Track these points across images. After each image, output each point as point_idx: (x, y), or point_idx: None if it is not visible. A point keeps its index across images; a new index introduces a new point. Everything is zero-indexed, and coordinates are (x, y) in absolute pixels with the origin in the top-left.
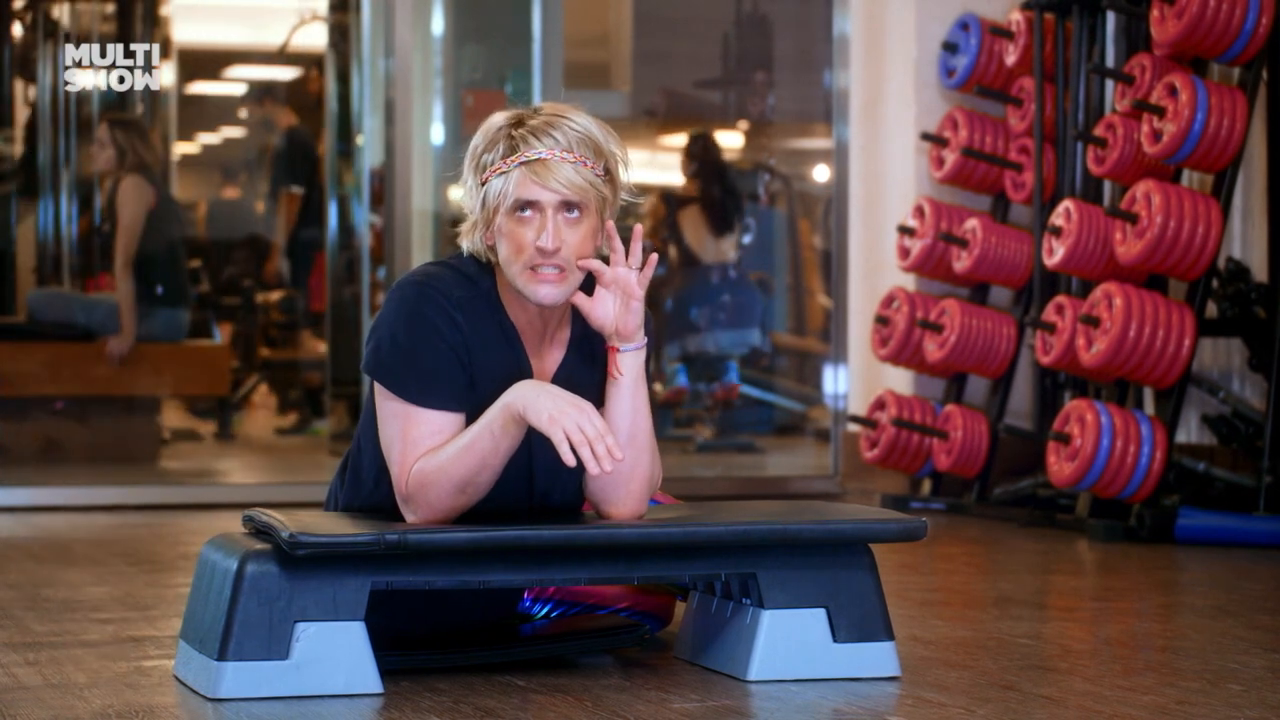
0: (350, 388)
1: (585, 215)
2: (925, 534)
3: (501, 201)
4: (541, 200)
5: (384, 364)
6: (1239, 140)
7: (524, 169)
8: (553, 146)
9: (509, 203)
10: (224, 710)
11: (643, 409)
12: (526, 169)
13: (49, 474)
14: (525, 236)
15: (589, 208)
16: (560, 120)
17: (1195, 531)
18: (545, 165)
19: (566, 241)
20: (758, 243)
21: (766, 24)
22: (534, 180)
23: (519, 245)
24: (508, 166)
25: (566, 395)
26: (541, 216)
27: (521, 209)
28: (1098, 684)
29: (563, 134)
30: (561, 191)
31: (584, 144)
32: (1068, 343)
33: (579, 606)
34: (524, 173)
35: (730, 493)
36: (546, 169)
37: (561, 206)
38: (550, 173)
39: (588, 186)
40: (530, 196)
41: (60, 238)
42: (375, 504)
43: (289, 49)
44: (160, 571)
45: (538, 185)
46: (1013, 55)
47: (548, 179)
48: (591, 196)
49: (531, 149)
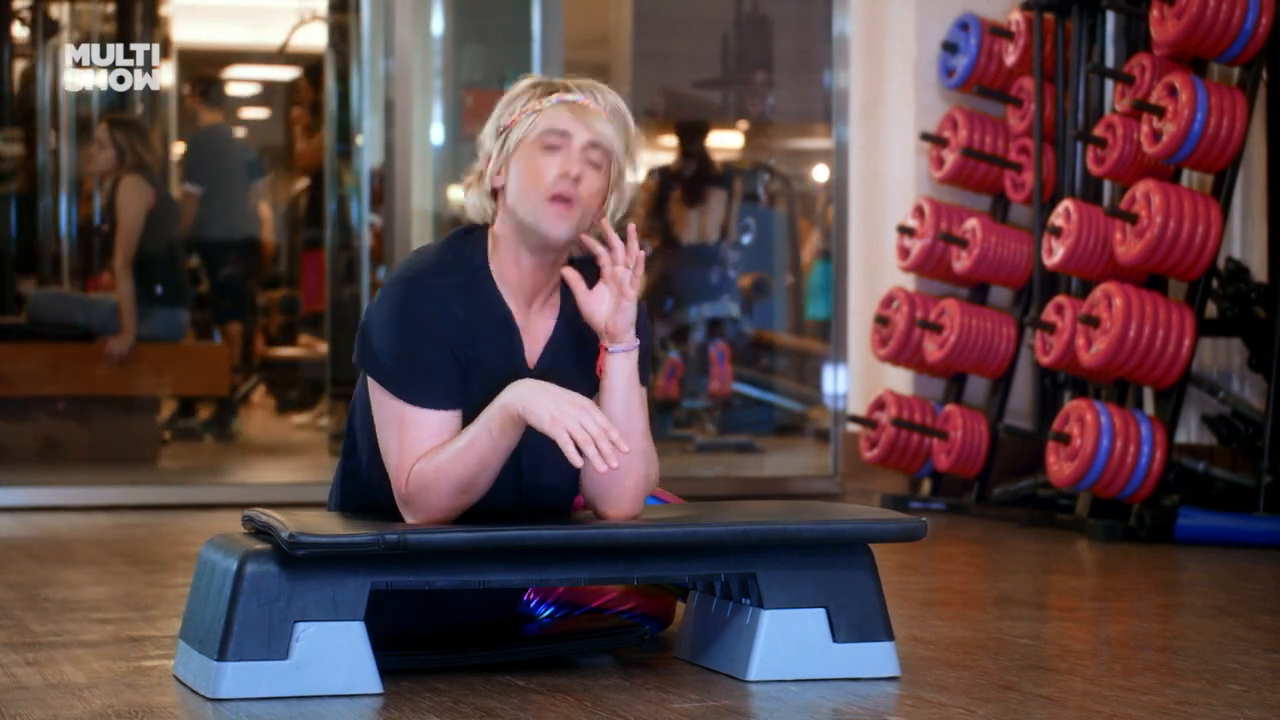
0: (350, 388)
1: (603, 170)
2: (925, 534)
3: (530, 131)
4: (572, 133)
5: (379, 364)
6: (1239, 140)
7: (561, 106)
8: (590, 99)
9: (538, 132)
10: (224, 710)
11: (636, 410)
12: (564, 106)
13: (49, 474)
14: (547, 165)
15: (606, 167)
16: (597, 86)
17: (1195, 531)
18: (584, 108)
19: (585, 179)
20: (757, 243)
21: (766, 24)
22: (570, 115)
23: (539, 174)
24: (543, 104)
25: (565, 394)
26: (567, 152)
27: (550, 140)
28: (1097, 684)
29: (602, 95)
30: (594, 131)
31: (617, 113)
32: (1067, 343)
33: (582, 608)
34: (560, 108)
35: (730, 493)
36: (585, 110)
37: (589, 147)
38: (588, 114)
39: (615, 142)
40: (563, 126)
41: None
42: (372, 500)
43: (289, 49)
44: (160, 571)
45: (573, 119)
46: (1012, 55)
47: (585, 117)
48: (614, 155)
49: (571, 94)
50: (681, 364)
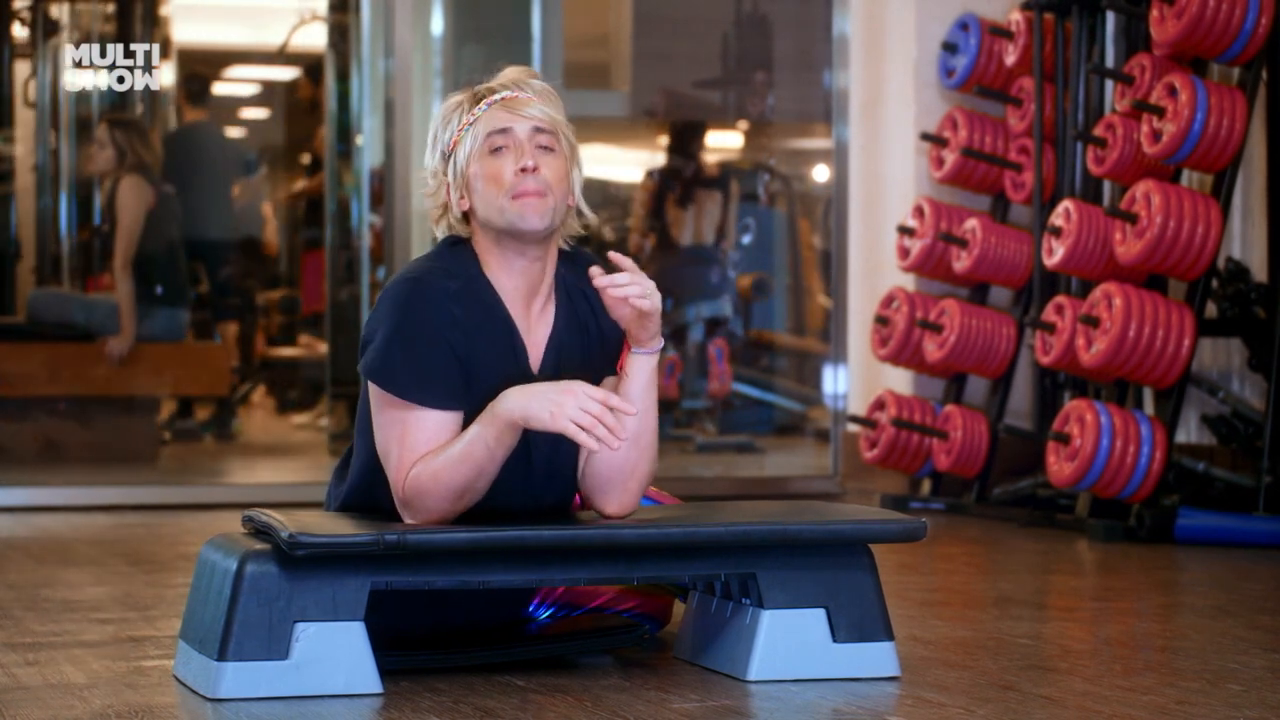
0: (350, 388)
1: (558, 150)
2: (925, 534)
3: (474, 145)
4: (514, 128)
5: (380, 365)
6: (1238, 140)
7: (492, 108)
8: (516, 91)
9: (480, 142)
10: (223, 710)
11: (650, 410)
12: (495, 107)
13: (49, 474)
14: (504, 168)
15: (559, 148)
16: (521, 75)
17: (1195, 531)
18: (515, 99)
19: (543, 164)
20: (757, 243)
21: (766, 24)
22: (505, 111)
23: (497, 177)
24: (476, 113)
25: (552, 387)
26: (516, 146)
27: (495, 141)
28: (1097, 684)
29: (526, 85)
30: (534, 117)
31: (547, 94)
32: (1067, 343)
33: (581, 608)
34: (493, 110)
35: (730, 493)
36: (516, 102)
37: (535, 134)
38: (520, 104)
39: (558, 119)
40: (502, 125)
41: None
42: (370, 503)
43: (288, 49)
44: (160, 571)
45: (509, 114)
46: (1012, 55)
47: (518, 109)
48: (561, 132)
49: (497, 94)
50: (680, 362)
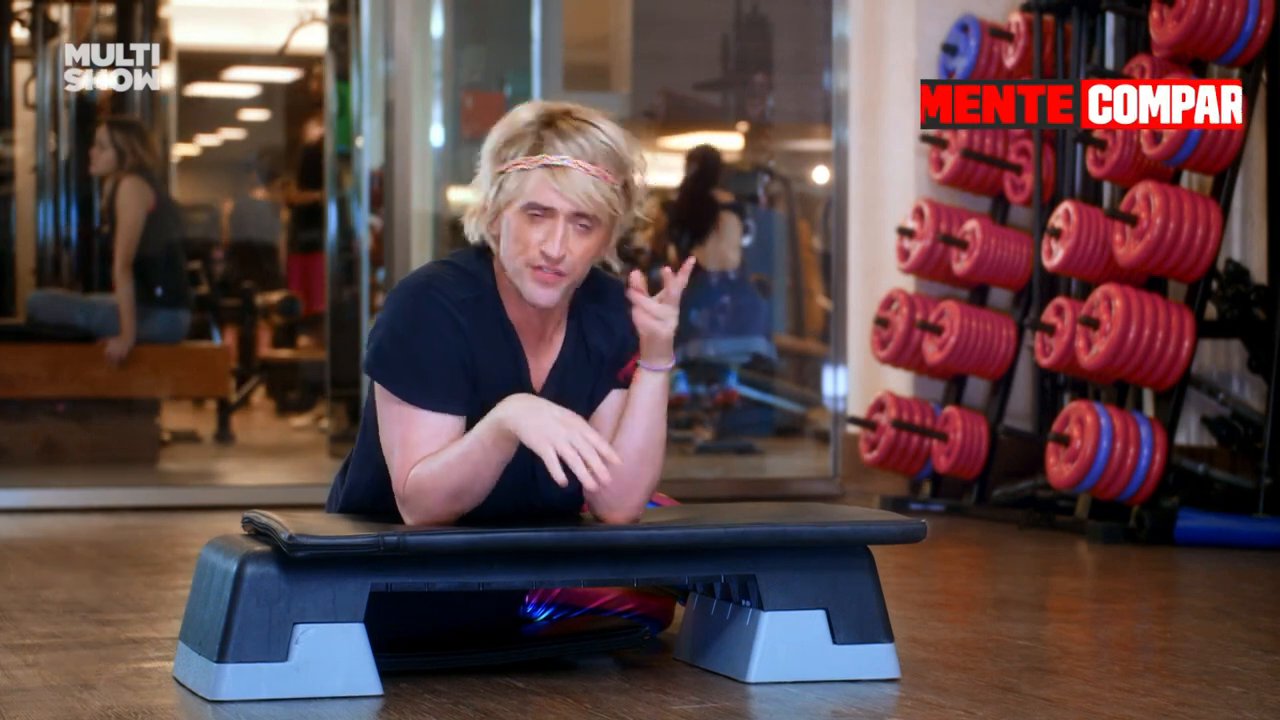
0: (350, 389)
1: (596, 228)
2: (925, 536)
3: (516, 198)
4: (556, 207)
5: (385, 365)
6: (1238, 141)
7: (545, 171)
8: (578, 155)
9: (523, 202)
10: (223, 712)
11: (658, 426)
12: (547, 172)
13: (49, 476)
14: (532, 237)
15: (601, 222)
16: (588, 128)
17: (1195, 533)
18: (566, 173)
19: (572, 250)
20: (757, 244)
21: (766, 25)
22: (552, 186)
23: (524, 243)
24: (529, 165)
25: (556, 412)
26: (552, 222)
27: (534, 212)
28: (1097, 686)
29: (589, 143)
30: (578, 204)
31: (609, 157)
32: (1067, 344)
33: (581, 609)
34: (544, 175)
35: (730, 494)
36: (568, 177)
37: (575, 217)
38: (571, 182)
39: (604, 203)
40: (546, 202)
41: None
42: (371, 503)
43: (288, 50)
44: (160, 573)
45: (555, 193)
46: (1012, 57)
47: (567, 188)
48: (606, 213)
49: (556, 153)
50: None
